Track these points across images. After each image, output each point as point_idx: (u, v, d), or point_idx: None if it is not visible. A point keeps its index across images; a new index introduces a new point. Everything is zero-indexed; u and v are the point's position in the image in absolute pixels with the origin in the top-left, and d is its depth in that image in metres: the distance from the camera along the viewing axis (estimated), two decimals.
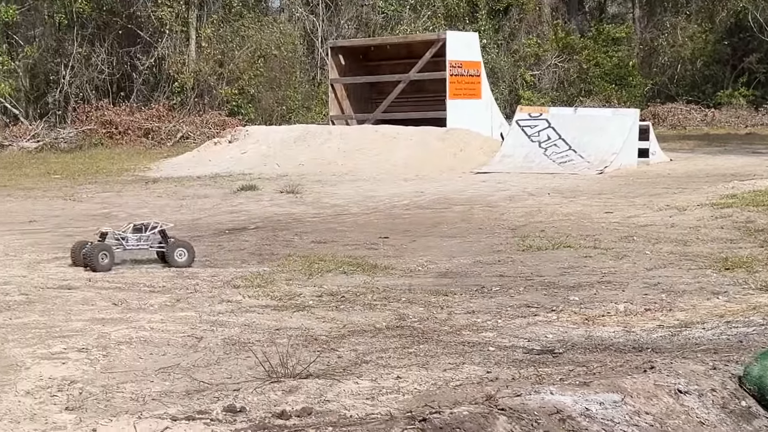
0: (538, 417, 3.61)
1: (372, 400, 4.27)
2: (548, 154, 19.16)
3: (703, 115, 32.76)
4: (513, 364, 5.06)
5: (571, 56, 36.32)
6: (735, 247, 9.13)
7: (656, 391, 4.03)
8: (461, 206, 13.56)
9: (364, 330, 6.11)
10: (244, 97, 32.03)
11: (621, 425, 3.69)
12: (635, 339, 5.60)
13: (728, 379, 4.28)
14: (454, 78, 21.85)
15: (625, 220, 11.52)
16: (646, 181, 16.10)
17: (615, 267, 8.35)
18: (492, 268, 8.49)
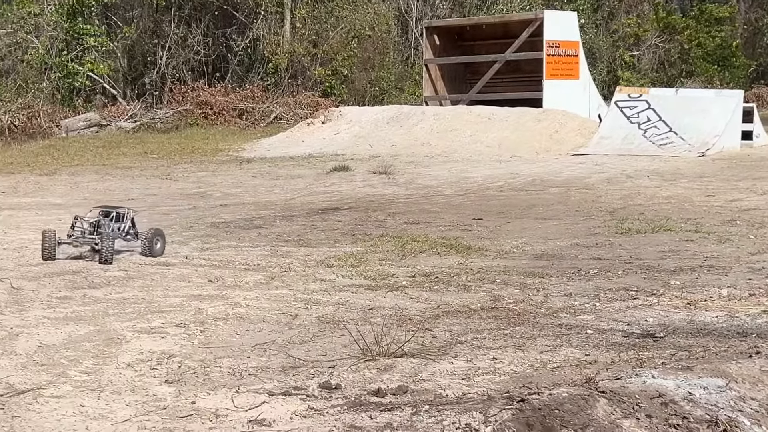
0: (639, 400, 3.51)
1: (468, 381, 4.22)
2: (648, 136, 18.77)
3: None
4: (612, 348, 4.95)
5: (672, 36, 35.50)
6: None
7: (762, 377, 3.88)
8: (557, 188, 13.38)
9: (458, 311, 6.06)
10: (337, 78, 32.16)
11: (725, 410, 3.56)
12: (739, 324, 5.43)
13: None
14: (551, 58, 21.56)
15: (727, 203, 11.21)
16: (749, 164, 15.65)
17: (717, 251, 8.11)
18: (589, 251, 8.34)
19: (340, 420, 3.34)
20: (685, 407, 3.54)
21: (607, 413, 3.35)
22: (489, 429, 3.13)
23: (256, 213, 11.40)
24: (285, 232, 9.78)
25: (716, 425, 3.45)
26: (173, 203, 12.34)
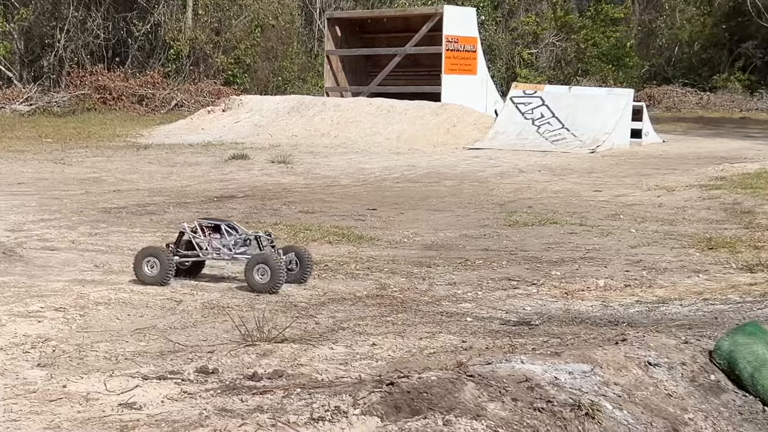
0: (506, 384, 3.62)
1: (345, 365, 4.29)
2: (541, 132, 19.15)
3: (698, 98, 32.72)
4: (489, 335, 5.09)
5: (569, 35, 36.20)
6: (720, 227, 9.15)
7: (626, 363, 4.04)
8: (452, 181, 13.57)
9: (344, 298, 6.14)
10: (240, 67, 31.94)
11: (589, 394, 3.70)
12: (612, 313, 5.63)
13: (699, 354, 4.30)
14: (450, 53, 21.78)
15: (613, 198, 11.53)
16: (637, 162, 16.11)
17: (599, 244, 8.36)
18: (477, 242, 8.51)
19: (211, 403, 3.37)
20: (550, 391, 3.66)
21: (473, 396, 3.45)
22: (357, 411, 3.19)
23: (150, 199, 11.29)
24: (177, 218, 9.69)
25: (579, 408, 3.58)
26: (65, 188, 12.12)
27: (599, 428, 3.54)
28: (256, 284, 6.24)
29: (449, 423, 3.19)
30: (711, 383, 4.13)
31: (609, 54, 35.57)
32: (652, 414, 3.73)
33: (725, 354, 4.23)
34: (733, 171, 13.89)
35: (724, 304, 5.65)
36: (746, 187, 11.98)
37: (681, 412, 3.83)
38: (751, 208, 10.36)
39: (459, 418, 3.24)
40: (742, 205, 10.55)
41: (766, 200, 10.91)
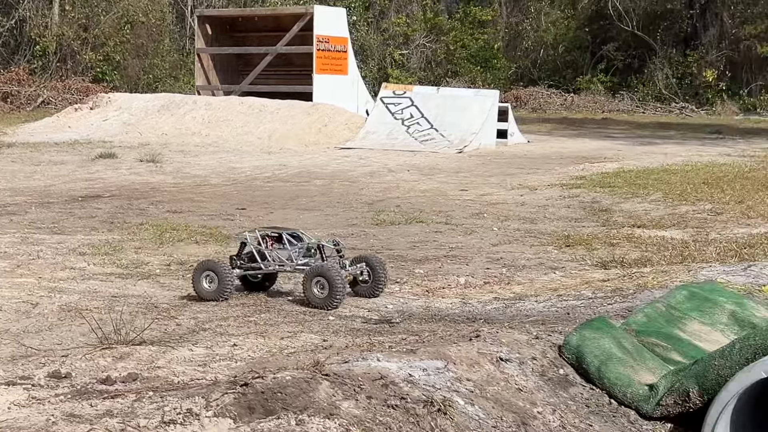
0: (361, 382, 3.67)
1: (203, 367, 4.28)
2: (411, 132, 19.38)
3: (562, 100, 33.63)
4: (350, 333, 5.14)
5: (438, 37, 36.71)
6: (578, 225, 9.46)
7: (479, 359, 4.15)
8: (322, 180, 13.63)
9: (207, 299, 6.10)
10: (109, 64, 31.31)
11: (442, 391, 3.79)
12: (470, 310, 5.76)
13: (549, 349, 4.44)
14: (321, 53, 21.85)
15: (478, 197, 11.78)
16: (502, 161, 16.48)
17: (462, 242, 8.54)
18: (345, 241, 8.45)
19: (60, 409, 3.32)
20: (404, 388, 3.73)
21: (328, 395, 3.49)
22: (210, 413, 3.20)
23: (11, 199, 11.00)
24: (39, 219, 9.49)
25: (431, 405, 3.65)
26: None
27: (451, 424, 3.63)
28: (314, 299, 5.83)
29: (302, 422, 3.22)
30: (560, 377, 4.27)
31: (477, 56, 36.23)
32: (503, 408, 3.84)
33: (573, 348, 4.39)
34: (593, 170, 14.37)
35: (577, 300, 5.85)
36: (605, 186, 12.42)
37: (530, 406, 3.95)
38: (608, 206, 10.75)
39: (312, 418, 3.27)
40: (600, 204, 10.94)
41: (623, 199, 11.34)
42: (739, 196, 11.01)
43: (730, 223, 9.32)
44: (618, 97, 33.73)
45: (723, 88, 33.29)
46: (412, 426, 3.52)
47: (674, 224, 9.36)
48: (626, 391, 4.20)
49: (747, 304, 5.36)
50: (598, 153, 17.73)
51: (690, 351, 4.68)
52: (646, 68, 34.98)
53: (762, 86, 33.49)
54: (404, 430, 3.47)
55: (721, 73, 33.74)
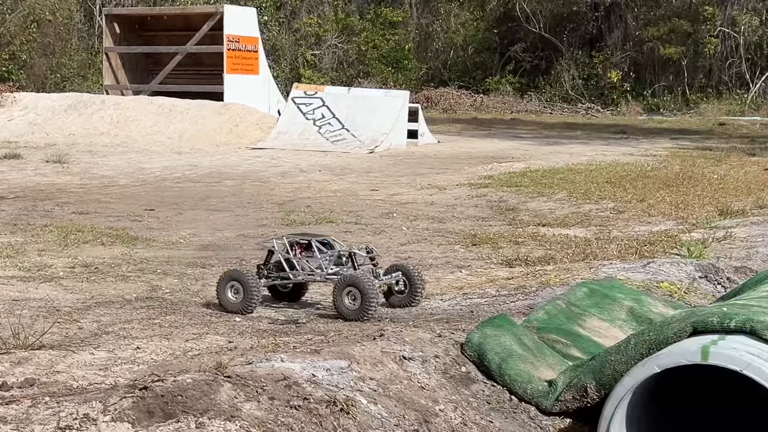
0: (264, 384, 3.68)
1: (104, 371, 4.23)
2: (322, 132, 19.40)
3: (472, 100, 33.99)
4: (256, 334, 5.13)
5: (350, 37, 36.78)
6: (485, 224, 9.59)
7: (382, 358, 4.19)
8: (233, 181, 13.56)
9: (112, 301, 6.03)
10: (15, 63, 30.61)
11: (345, 390, 3.82)
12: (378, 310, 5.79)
13: (452, 347, 4.51)
14: (231, 53, 21.73)
15: (388, 197, 11.85)
16: (413, 161, 16.60)
17: (372, 242, 8.53)
18: (254, 242, 8.55)
19: None
20: (308, 388, 3.75)
21: (230, 397, 3.49)
22: (108, 418, 3.17)
23: None
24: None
25: (334, 404, 3.68)
26: None
27: (354, 423, 3.66)
28: (345, 310, 5.47)
29: (202, 425, 3.22)
30: (462, 374, 4.34)
31: (389, 56, 36.39)
32: (405, 407, 3.89)
33: (475, 346, 4.46)
34: (501, 170, 14.58)
35: (481, 298, 5.94)
36: (512, 185, 12.62)
37: (432, 404, 4.00)
38: (515, 205, 10.92)
39: (212, 420, 3.27)
40: (507, 203, 11.11)
41: (529, 198, 11.53)
42: (641, 195, 11.29)
43: (631, 221, 9.55)
44: (526, 97, 34.22)
45: (627, 89, 34.05)
46: (315, 426, 3.54)
47: (578, 223, 9.56)
48: (526, 387, 4.28)
49: (644, 300, 5.51)
50: (506, 153, 17.98)
51: (589, 347, 4.79)
52: (553, 69, 35.56)
53: (665, 87, 34.34)
54: (306, 430, 3.48)
55: (626, 74, 34.51)
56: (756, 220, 9.09)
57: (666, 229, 8.89)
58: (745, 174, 13.51)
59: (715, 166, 14.76)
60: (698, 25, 33.85)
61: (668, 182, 12.55)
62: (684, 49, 33.53)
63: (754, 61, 33.69)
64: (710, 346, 3.63)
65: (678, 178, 13.05)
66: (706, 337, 3.77)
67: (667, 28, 33.90)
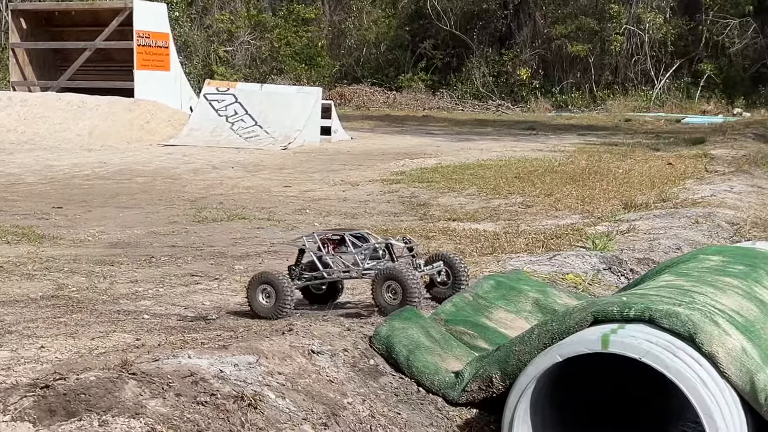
0: (170, 380, 3.66)
1: (6, 371, 4.15)
2: (235, 129, 19.30)
3: (385, 97, 34.17)
4: (164, 331, 5.09)
5: (263, 34, 36.61)
6: (397, 219, 9.66)
7: (291, 352, 4.20)
8: (144, 178, 13.41)
9: (16, 300, 5.91)
10: None
11: (253, 385, 3.82)
12: None
13: (360, 340, 4.55)
14: (141, 48, 21.48)
15: (301, 194, 11.85)
16: (326, 158, 16.62)
17: (284, 238, 8.56)
18: (165, 239, 8.49)
19: None
20: (215, 384, 3.74)
21: (135, 394, 3.47)
22: (8, 417, 3.12)
23: None
24: None
25: (242, 400, 3.68)
26: None
27: (262, 418, 3.67)
28: (387, 306, 5.05)
29: (105, 423, 3.19)
30: (370, 367, 4.38)
31: (302, 53, 36.33)
32: (314, 400, 3.91)
33: (383, 339, 4.50)
34: (413, 166, 14.70)
35: None
36: (423, 181, 12.74)
37: (341, 397, 4.03)
38: (426, 200, 11.03)
39: (116, 418, 3.24)
40: (418, 198, 11.21)
41: (440, 193, 11.66)
42: (549, 190, 11.50)
43: (539, 215, 9.73)
44: (438, 95, 34.51)
45: (536, 86, 34.58)
46: (222, 422, 3.54)
47: (487, 217, 9.70)
48: (433, 378, 4.34)
49: (550, 292, 5.63)
50: (418, 149, 18.12)
51: (496, 338, 4.88)
52: (464, 67, 35.91)
53: (573, 84, 34.96)
54: (213, 426, 3.48)
55: (535, 71, 35.05)
56: (658, 212, 9.34)
57: (572, 222, 9.08)
58: (649, 168, 13.85)
59: (621, 161, 15.09)
60: (604, 23, 34.54)
61: (575, 177, 12.81)
62: (591, 47, 34.18)
63: (659, 58, 34.51)
64: (610, 335, 3.73)
65: (584, 173, 13.33)
66: (606, 326, 3.87)
67: (575, 26, 34.51)
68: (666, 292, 4.22)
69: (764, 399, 3.66)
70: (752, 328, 4.03)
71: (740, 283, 4.45)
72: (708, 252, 5.16)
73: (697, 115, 29.78)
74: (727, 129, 22.66)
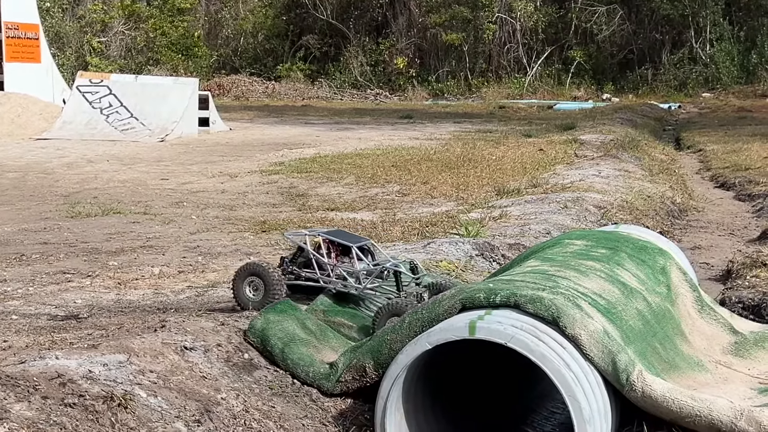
0: (37, 383, 3.59)
1: None
2: (110, 122, 18.92)
3: (264, 87, 34.00)
4: (33, 332, 4.97)
5: (137, 24, 35.95)
6: (276, 210, 9.64)
7: (163, 350, 4.16)
8: (15, 173, 13.03)
9: None
10: None
11: (123, 384, 3.77)
12: (162, 300, 5.74)
13: (234, 334, 4.53)
14: (10, 40, 20.89)
15: (179, 186, 11.70)
16: (204, 149, 16.45)
17: (160, 232, 8.46)
18: (36, 236, 8.27)
19: None
20: (84, 385, 3.68)
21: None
22: None
23: None
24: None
25: (111, 400, 3.63)
26: None
27: (133, 417, 3.62)
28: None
29: None
30: (245, 362, 4.37)
31: (178, 43, 35.84)
32: (186, 397, 3.88)
33: (258, 332, 4.50)
34: (292, 156, 14.68)
35: None
36: (302, 171, 12.73)
37: (214, 393, 4.01)
38: (305, 191, 11.03)
39: None
40: (297, 189, 11.20)
41: (318, 183, 11.68)
42: (425, 178, 11.65)
43: (415, 204, 9.84)
44: (317, 84, 34.52)
45: (413, 75, 34.93)
46: (91, 423, 3.49)
47: (365, 206, 9.76)
48: (308, 370, 4.37)
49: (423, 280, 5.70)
50: (297, 139, 18.09)
51: None
52: (342, 56, 36.00)
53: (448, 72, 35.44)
54: (82, 428, 3.43)
55: (411, 60, 35.39)
56: (529, 198, 9.57)
57: (447, 210, 9.21)
58: (521, 155, 14.14)
59: (494, 148, 15.36)
60: (477, 11, 35.10)
61: (450, 165, 12.99)
62: (465, 36, 34.70)
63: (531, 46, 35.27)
64: (477, 321, 3.81)
65: (459, 160, 13.53)
66: (473, 313, 3.96)
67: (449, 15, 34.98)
68: (531, 277, 4.33)
69: (625, 379, 3.80)
70: (614, 310, 4.18)
71: (602, 267, 4.60)
72: (572, 237, 5.31)
73: (568, 101, 30.58)
74: (596, 114, 23.32)
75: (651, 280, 4.70)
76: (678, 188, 11.45)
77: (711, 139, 18.11)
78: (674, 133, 21.98)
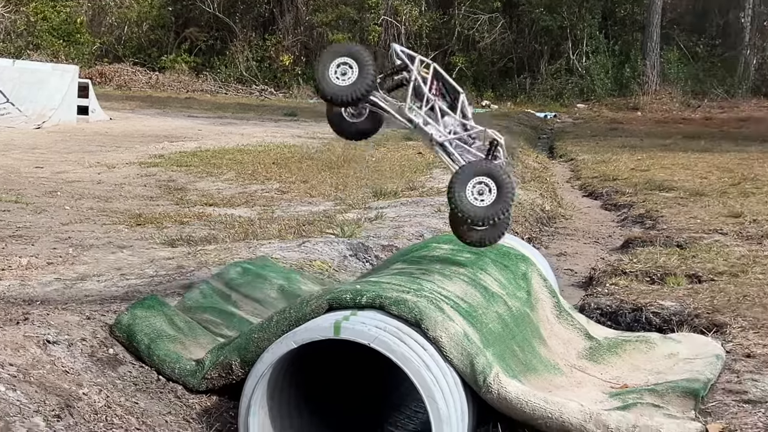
0: None
1: None
2: None
3: (148, 78, 33.47)
4: None
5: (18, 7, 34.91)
6: (153, 204, 9.54)
7: (25, 343, 4.11)
8: None
9: None
10: None
11: None
12: (29, 292, 5.63)
13: (100, 329, 4.50)
14: None
15: (54, 175, 11.45)
16: (82, 138, 16.11)
17: (31, 221, 8.28)
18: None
19: None
20: None
21: None
22: None
23: None
24: None
25: None
26: None
27: None
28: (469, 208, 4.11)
29: None
30: (109, 357, 4.35)
31: (60, 29, 34.93)
32: (47, 392, 3.85)
33: (124, 327, 4.49)
34: (172, 149, 14.51)
35: (139, 279, 5.93)
36: (182, 164, 12.62)
37: (76, 388, 3.99)
38: (184, 185, 10.94)
39: None
40: (176, 182, 11.10)
41: (198, 178, 11.60)
42: (305, 176, 11.70)
43: (294, 202, 9.88)
44: (202, 77, 34.19)
45: (299, 73, 34.92)
46: None
47: (244, 203, 9.75)
48: (174, 367, 4.38)
49: (295, 279, 5.77)
50: (179, 132, 17.89)
51: (242, 326, 4.95)
52: (228, 50, 35.74)
53: None
54: None
55: (297, 58, 35.39)
56: (405, 201, 9.72)
57: (325, 209, 9.29)
58: (400, 157, 14.33)
59: (374, 149, 15.50)
60: (364, 13, 35.34)
61: (331, 164, 13.07)
62: (351, 36, 34.88)
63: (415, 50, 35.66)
64: (342, 322, 3.89)
65: (340, 160, 13.62)
66: (339, 313, 4.03)
67: (335, 15, 35.11)
68: (397, 279, 4.43)
69: (483, 380, 3.93)
70: (474, 314, 4.32)
71: (466, 271, 4.74)
72: (440, 240, 5.44)
73: None
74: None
75: (512, 285, 4.87)
76: (548, 196, 11.77)
77: (583, 149, 18.64)
78: (548, 142, 22.55)
